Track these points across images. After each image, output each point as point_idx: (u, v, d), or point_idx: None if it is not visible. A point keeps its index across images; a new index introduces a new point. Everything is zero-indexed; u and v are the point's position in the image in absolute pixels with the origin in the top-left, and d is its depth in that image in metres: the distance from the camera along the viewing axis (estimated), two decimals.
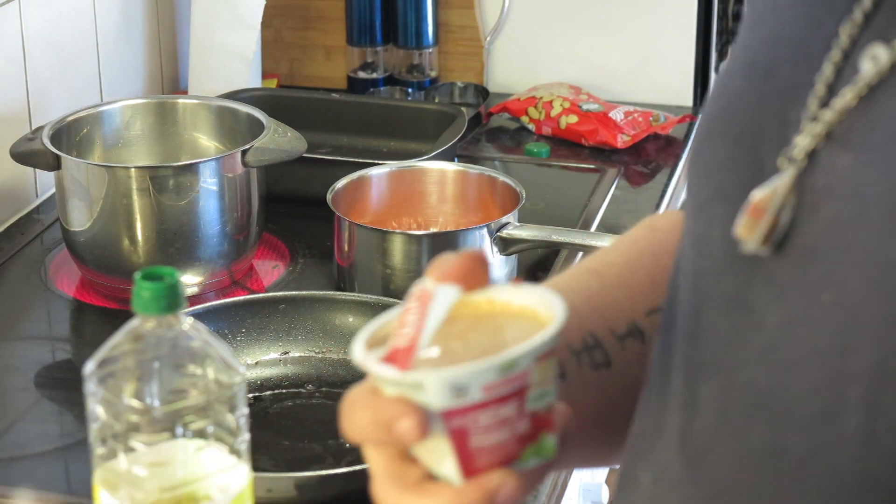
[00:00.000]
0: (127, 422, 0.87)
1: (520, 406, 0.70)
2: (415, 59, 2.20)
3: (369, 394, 0.72)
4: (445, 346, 0.72)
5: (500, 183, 1.61)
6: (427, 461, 0.72)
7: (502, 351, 0.70)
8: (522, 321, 0.74)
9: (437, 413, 0.69)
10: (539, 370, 0.71)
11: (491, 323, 0.75)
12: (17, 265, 1.63)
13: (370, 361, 0.71)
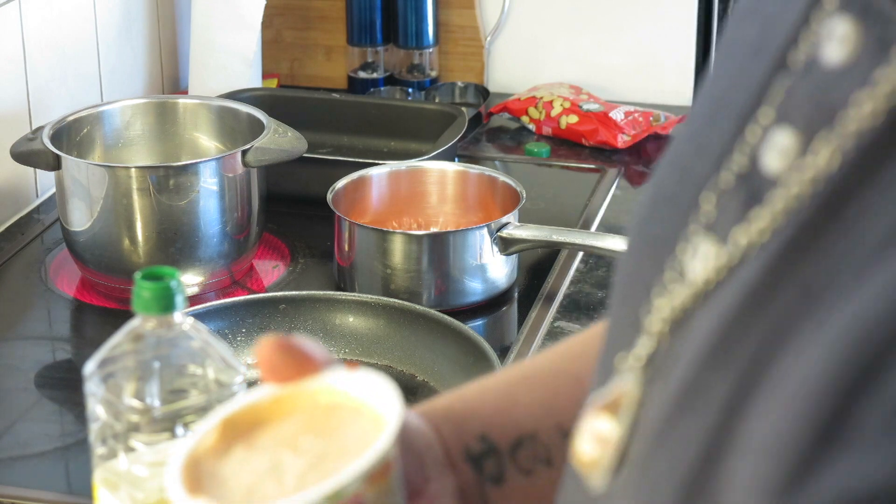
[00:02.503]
0: (127, 422, 0.87)
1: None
2: (415, 58, 2.20)
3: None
4: (274, 458, 0.65)
5: (500, 183, 1.61)
6: None
7: (337, 461, 0.62)
8: (362, 419, 0.66)
9: None
10: (375, 490, 0.63)
11: (328, 422, 0.66)
12: (18, 265, 1.63)
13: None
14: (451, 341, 1.31)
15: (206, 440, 0.66)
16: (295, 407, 0.67)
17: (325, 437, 0.65)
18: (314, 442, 0.65)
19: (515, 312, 1.53)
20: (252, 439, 0.66)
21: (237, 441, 0.67)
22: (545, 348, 1.39)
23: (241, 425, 0.67)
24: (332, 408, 0.67)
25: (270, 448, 0.65)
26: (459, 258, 1.49)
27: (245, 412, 0.67)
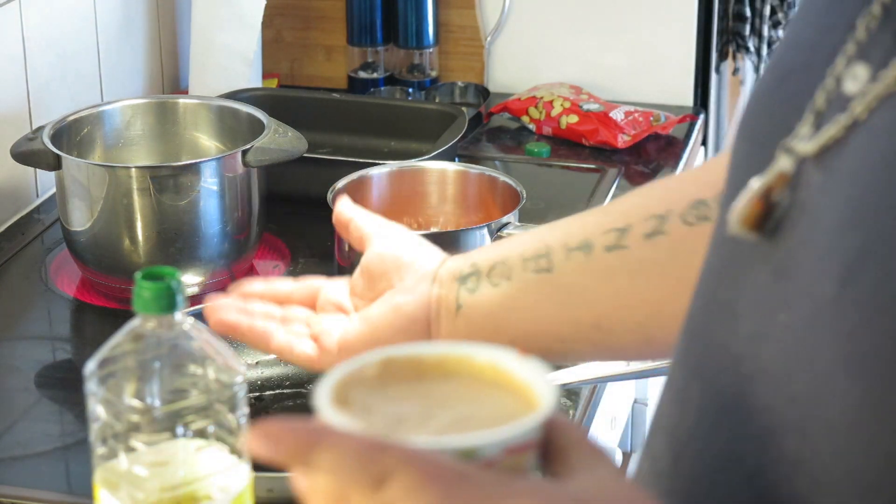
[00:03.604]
0: (127, 422, 0.87)
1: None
2: (415, 58, 2.20)
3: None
4: (423, 406, 0.66)
5: (500, 183, 1.61)
6: None
7: (481, 426, 0.64)
8: (515, 399, 0.67)
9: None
10: (509, 463, 0.63)
11: (483, 392, 0.68)
12: (18, 265, 1.63)
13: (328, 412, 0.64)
14: None
15: (364, 370, 0.68)
16: (457, 370, 0.68)
17: (477, 405, 0.66)
18: (465, 405, 0.66)
19: None
20: (408, 385, 0.68)
21: (393, 382, 0.68)
22: None
23: (402, 370, 0.68)
24: (492, 382, 0.68)
25: (422, 397, 0.66)
26: None
27: (408, 359, 0.69)
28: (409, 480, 0.59)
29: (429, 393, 0.67)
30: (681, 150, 2.00)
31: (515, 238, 1.07)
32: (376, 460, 0.59)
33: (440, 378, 0.68)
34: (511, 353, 0.69)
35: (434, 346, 0.71)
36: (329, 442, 0.60)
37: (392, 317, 1.04)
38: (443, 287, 1.03)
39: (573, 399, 1.34)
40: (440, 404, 0.66)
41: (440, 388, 0.67)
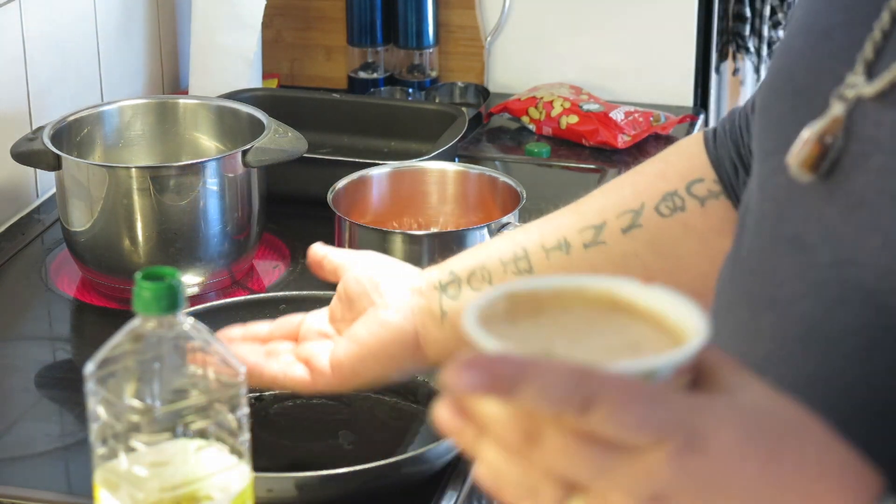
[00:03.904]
0: (127, 422, 0.87)
1: None
2: (415, 59, 2.20)
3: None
4: (562, 335, 0.67)
5: (500, 183, 1.61)
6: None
7: (624, 354, 0.65)
8: (647, 328, 0.67)
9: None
10: (676, 384, 0.65)
11: (609, 322, 0.68)
12: (18, 265, 1.63)
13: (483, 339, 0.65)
14: None
15: (495, 305, 0.67)
16: (573, 302, 0.68)
17: (611, 332, 0.67)
18: (601, 333, 0.67)
19: None
20: (535, 318, 0.68)
21: (521, 315, 0.68)
22: None
23: (523, 304, 0.68)
24: (612, 310, 0.68)
25: (558, 328, 0.67)
26: None
27: (528, 294, 0.69)
28: (613, 404, 0.60)
29: (561, 323, 0.67)
30: None
31: (488, 244, 1.11)
32: (582, 386, 0.60)
33: (560, 310, 0.68)
34: (621, 281, 0.69)
35: (548, 279, 0.70)
36: (536, 370, 0.61)
37: (380, 332, 1.08)
38: (424, 297, 1.08)
39: None
40: (578, 334, 0.67)
41: (566, 318, 0.68)
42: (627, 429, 0.61)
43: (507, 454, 0.63)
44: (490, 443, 0.63)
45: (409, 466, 1.16)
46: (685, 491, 0.62)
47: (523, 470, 0.63)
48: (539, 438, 0.62)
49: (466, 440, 0.64)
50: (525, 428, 0.62)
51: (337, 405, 1.31)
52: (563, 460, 0.62)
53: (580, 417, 0.61)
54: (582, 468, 0.62)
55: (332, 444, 1.25)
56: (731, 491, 0.63)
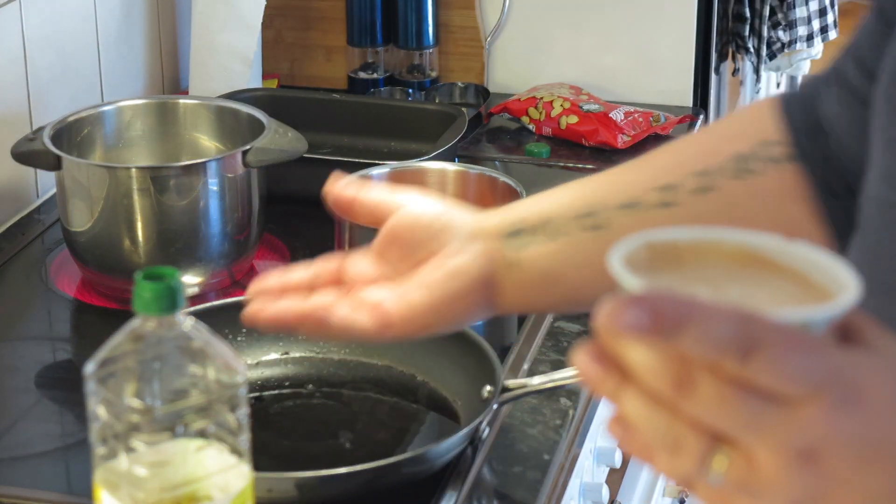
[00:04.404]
0: (128, 422, 0.87)
1: None
2: (415, 59, 2.20)
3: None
4: (709, 283, 0.65)
5: (500, 183, 1.61)
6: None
7: (771, 303, 0.62)
8: (789, 283, 0.65)
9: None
10: (827, 339, 0.63)
11: (750, 275, 0.66)
12: (18, 265, 1.64)
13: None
14: (451, 341, 1.31)
15: (636, 253, 0.66)
16: (709, 253, 0.67)
17: (752, 284, 0.65)
18: (742, 284, 0.65)
19: None
20: (677, 268, 0.66)
21: (663, 265, 0.66)
22: (545, 349, 1.39)
23: (664, 254, 0.67)
24: (753, 264, 0.66)
25: (699, 278, 0.65)
26: None
27: (665, 245, 0.67)
28: (777, 350, 0.59)
29: (702, 275, 0.66)
30: None
31: (551, 196, 1.07)
32: (747, 330, 0.59)
33: (699, 262, 0.66)
34: (761, 236, 0.67)
35: (686, 230, 0.68)
36: (702, 311, 0.59)
37: (453, 281, 1.03)
38: (490, 245, 1.04)
39: (573, 399, 1.34)
40: (721, 285, 0.65)
41: (707, 271, 0.66)
42: (789, 378, 0.59)
43: (652, 403, 0.61)
44: (634, 391, 0.61)
45: (409, 466, 1.16)
46: (840, 448, 0.60)
47: (668, 420, 0.61)
48: (690, 386, 0.60)
49: (607, 388, 0.62)
50: (676, 375, 0.60)
51: (336, 405, 1.31)
52: (715, 409, 0.60)
53: (741, 364, 0.59)
54: (735, 418, 0.59)
55: (332, 444, 1.25)
56: (885, 448, 0.61)
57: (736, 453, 0.60)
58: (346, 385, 1.34)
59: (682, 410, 0.60)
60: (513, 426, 1.29)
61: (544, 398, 1.33)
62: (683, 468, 0.61)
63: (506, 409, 1.31)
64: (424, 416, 1.29)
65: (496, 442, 1.27)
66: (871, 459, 0.61)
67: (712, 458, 0.60)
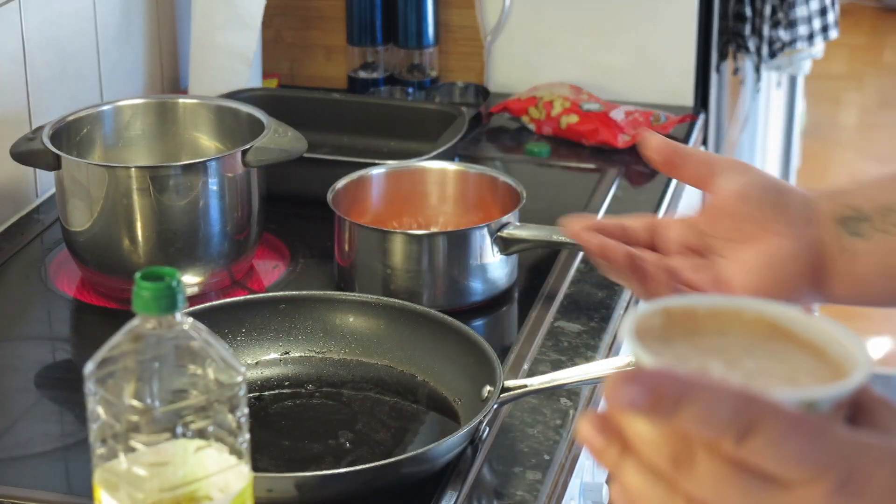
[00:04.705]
0: (127, 422, 0.87)
1: None
2: (415, 58, 2.20)
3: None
4: (719, 357, 0.65)
5: (500, 183, 1.61)
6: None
7: (782, 381, 0.62)
8: (806, 357, 0.65)
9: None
10: (834, 420, 0.62)
11: (767, 348, 0.66)
12: (18, 265, 1.63)
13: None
14: (451, 341, 1.31)
15: (650, 319, 0.66)
16: (729, 323, 0.67)
17: (770, 358, 0.65)
18: (759, 359, 0.65)
19: (515, 312, 1.53)
20: (692, 337, 0.66)
21: (677, 333, 0.66)
22: (545, 349, 1.39)
23: (680, 321, 0.67)
24: (769, 336, 0.66)
25: (713, 349, 0.65)
26: (459, 258, 1.49)
27: (683, 311, 0.67)
28: (775, 432, 0.58)
29: (717, 345, 0.65)
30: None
31: (883, 183, 1.01)
32: (745, 411, 0.58)
33: (717, 331, 0.66)
34: (781, 306, 0.67)
35: (705, 297, 0.68)
36: (701, 391, 0.58)
37: (780, 264, 0.98)
38: (824, 231, 0.99)
39: (573, 399, 1.34)
40: (734, 357, 0.65)
41: (723, 340, 0.66)
42: (786, 461, 0.59)
43: (651, 476, 0.61)
44: (634, 463, 0.62)
45: (409, 466, 1.16)
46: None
47: (666, 495, 0.61)
48: (688, 463, 0.60)
49: (609, 459, 0.62)
50: (675, 451, 0.60)
51: (336, 405, 1.31)
52: (712, 488, 0.60)
53: (738, 444, 0.58)
54: (731, 498, 0.59)
55: (332, 444, 1.25)
56: None
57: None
58: (346, 385, 1.34)
59: (680, 486, 0.60)
60: (513, 426, 1.29)
61: (544, 398, 1.33)
62: None
63: (506, 409, 1.31)
64: (424, 416, 1.29)
65: (496, 442, 1.26)
66: None
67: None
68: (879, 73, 5.64)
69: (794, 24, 2.38)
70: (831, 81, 5.42)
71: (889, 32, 6.07)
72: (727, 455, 0.59)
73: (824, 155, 4.83)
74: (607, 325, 1.49)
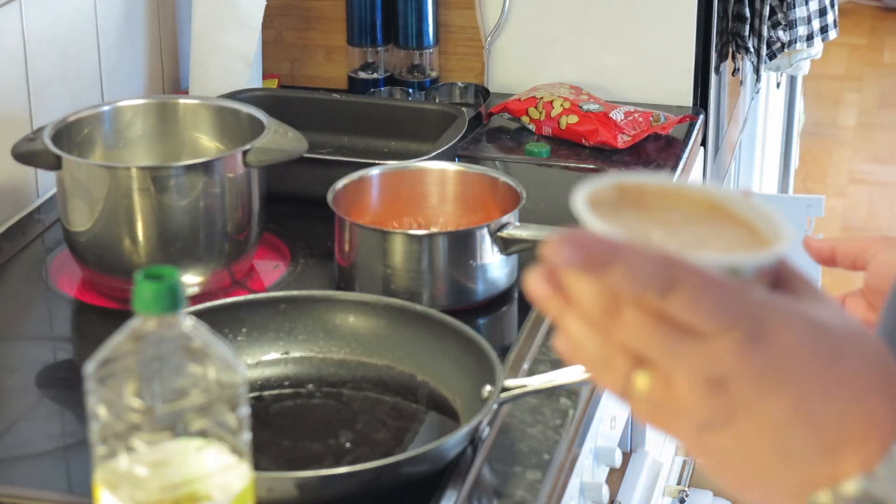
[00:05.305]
0: (128, 421, 0.87)
1: None
2: (415, 59, 2.20)
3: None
4: (662, 226, 0.72)
5: (500, 183, 1.61)
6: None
7: (719, 250, 0.70)
8: (740, 232, 0.72)
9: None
10: (754, 286, 0.69)
11: (707, 222, 0.73)
12: (19, 265, 1.64)
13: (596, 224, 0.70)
14: (451, 341, 1.32)
15: (603, 192, 0.72)
16: (676, 201, 0.73)
17: (707, 231, 0.72)
18: (697, 230, 0.72)
19: (515, 312, 1.53)
20: (640, 210, 0.72)
21: (625, 206, 0.72)
22: (545, 349, 1.40)
23: (630, 196, 0.73)
24: (712, 215, 0.73)
25: (658, 221, 0.71)
26: (459, 258, 1.49)
27: (635, 188, 0.73)
28: (694, 290, 0.66)
29: (660, 218, 0.72)
30: (681, 150, 2.00)
31: None
32: (667, 270, 0.66)
33: (662, 206, 0.73)
34: (723, 190, 0.73)
35: (656, 177, 0.74)
36: (627, 253, 0.66)
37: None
38: None
39: (573, 399, 1.34)
40: (674, 228, 0.71)
41: (667, 214, 0.72)
42: (701, 314, 0.66)
43: (589, 326, 0.69)
44: (574, 315, 0.69)
45: (409, 466, 1.16)
46: (745, 379, 0.67)
47: (601, 342, 0.69)
48: (617, 315, 0.68)
49: (552, 309, 0.70)
50: (607, 304, 0.68)
51: (337, 405, 1.31)
52: (637, 336, 0.68)
53: (660, 299, 0.66)
54: (653, 345, 0.67)
55: (332, 443, 1.25)
56: (789, 385, 0.68)
57: (656, 375, 0.68)
58: (347, 385, 1.34)
59: (612, 335, 0.68)
60: (513, 426, 1.29)
61: (544, 398, 1.33)
62: (613, 383, 0.70)
63: (506, 409, 1.31)
64: (424, 416, 1.29)
65: (496, 442, 1.27)
66: (772, 393, 0.68)
67: (636, 378, 0.69)
68: (879, 73, 5.64)
69: (793, 24, 2.38)
70: (831, 82, 5.42)
71: (889, 32, 6.07)
72: (652, 309, 0.67)
73: (823, 155, 4.83)
74: None
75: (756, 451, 0.69)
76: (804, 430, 0.68)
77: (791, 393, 0.68)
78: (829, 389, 0.69)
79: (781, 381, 0.68)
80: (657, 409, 0.69)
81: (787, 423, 0.68)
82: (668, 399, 0.69)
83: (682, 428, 0.70)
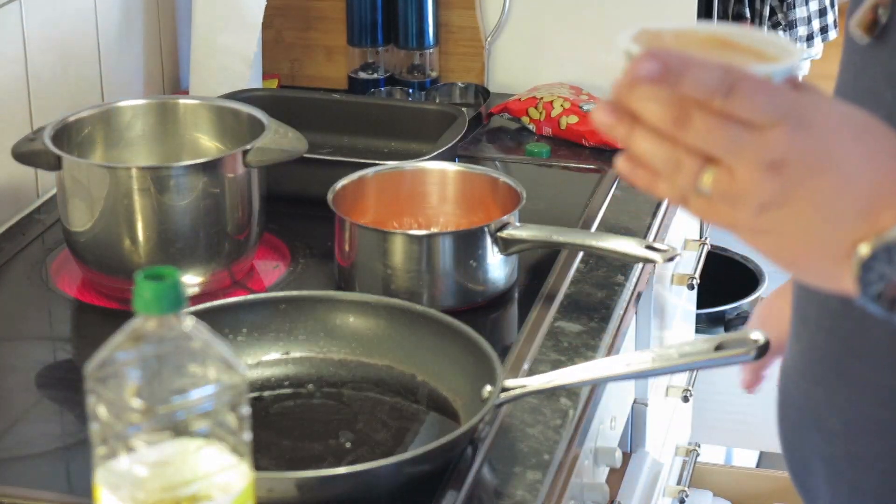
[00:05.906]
0: (128, 422, 0.87)
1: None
2: (416, 59, 2.20)
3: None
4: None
5: (500, 183, 1.61)
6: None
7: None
8: (752, 57, 0.84)
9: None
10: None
11: (721, 53, 0.84)
12: (19, 265, 1.64)
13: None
14: (451, 341, 1.32)
15: (636, 37, 0.87)
16: (691, 42, 0.87)
17: (725, 58, 0.83)
18: (716, 56, 0.83)
19: (515, 312, 1.53)
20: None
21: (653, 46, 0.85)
22: (545, 349, 1.40)
23: (651, 39, 0.88)
24: (723, 46, 0.86)
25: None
26: (459, 258, 1.49)
27: (654, 33, 0.89)
28: (750, 90, 0.79)
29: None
30: None
31: None
32: (727, 76, 0.79)
33: (679, 44, 0.86)
34: (727, 26, 0.88)
35: (672, 24, 0.88)
36: (696, 63, 0.80)
37: None
38: None
39: (573, 399, 1.34)
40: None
41: (687, 49, 0.85)
42: (758, 109, 0.79)
43: (657, 138, 0.83)
44: (642, 130, 0.84)
45: (409, 466, 1.16)
46: (798, 158, 0.80)
47: (670, 149, 0.82)
48: (686, 121, 0.80)
49: (620, 132, 0.87)
50: (675, 114, 0.80)
51: (337, 405, 1.31)
52: (705, 136, 0.80)
53: (724, 100, 0.79)
54: (719, 141, 0.80)
55: (332, 444, 1.25)
56: (832, 157, 0.81)
57: (720, 170, 0.81)
58: (346, 385, 1.34)
59: (680, 140, 0.81)
60: (513, 426, 1.29)
61: (544, 398, 1.33)
62: (681, 185, 0.82)
63: (506, 409, 1.31)
64: (424, 416, 1.29)
65: (496, 442, 1.27)
66: (820, 168, 0.81)
67: (703, 175, 0.81)
68: None
69: (793, 24, 2.38)
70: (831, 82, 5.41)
71: None
72: (716, 110, 0.79)
73: None
74: (607, 325, 1.49)
75: (809, 223, 0.82)
76: (849, 197, 0.82)
77: (836, 167, 0.81)
78: (865, 160, 0.82)
79: (826, 156, 0.81)
80: (720, 202, 0.81)
81: (834, 193, 0.81)
82: (732, 188, 0.80)
83: (743, 214, 0.81)
